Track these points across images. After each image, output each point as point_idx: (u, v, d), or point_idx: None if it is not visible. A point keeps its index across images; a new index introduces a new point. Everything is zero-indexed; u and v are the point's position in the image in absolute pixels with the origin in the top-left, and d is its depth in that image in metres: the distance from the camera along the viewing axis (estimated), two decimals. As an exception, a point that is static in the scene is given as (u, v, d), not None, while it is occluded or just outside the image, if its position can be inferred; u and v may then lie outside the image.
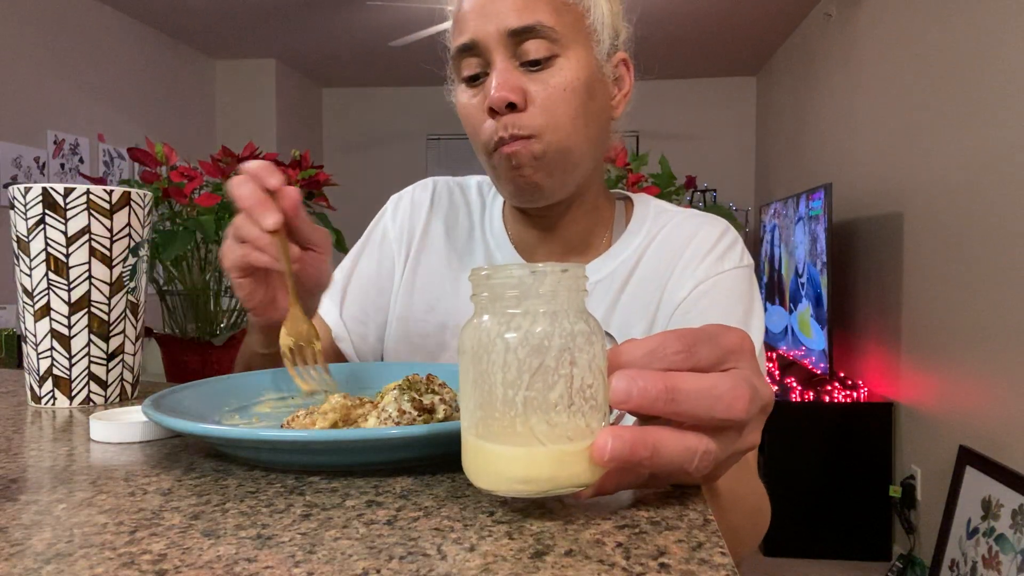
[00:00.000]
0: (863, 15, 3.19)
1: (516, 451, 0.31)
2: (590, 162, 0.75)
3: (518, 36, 0.69)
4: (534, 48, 0.69)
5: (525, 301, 0.31)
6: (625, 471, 0.35)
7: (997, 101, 2.13)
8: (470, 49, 0.71)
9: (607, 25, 0.74)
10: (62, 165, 3.66)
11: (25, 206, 0.59)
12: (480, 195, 0.89)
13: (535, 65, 0.70)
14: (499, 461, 0.31)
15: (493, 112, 0.70)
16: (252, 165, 0.59)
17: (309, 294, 0.65)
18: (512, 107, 0.69)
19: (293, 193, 0.59)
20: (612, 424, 0.33)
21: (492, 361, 0.31)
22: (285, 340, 0.59)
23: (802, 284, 3.23)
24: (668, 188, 2.40)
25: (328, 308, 0.86)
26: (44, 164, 3.54)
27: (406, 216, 0.89)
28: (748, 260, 0.79)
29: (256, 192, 0.58)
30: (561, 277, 0.32)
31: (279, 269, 0.59)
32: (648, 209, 0.84)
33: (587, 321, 0.32)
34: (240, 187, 0.58)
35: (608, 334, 0.77)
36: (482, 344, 0.31)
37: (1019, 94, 2.02)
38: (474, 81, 0.73)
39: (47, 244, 0.59)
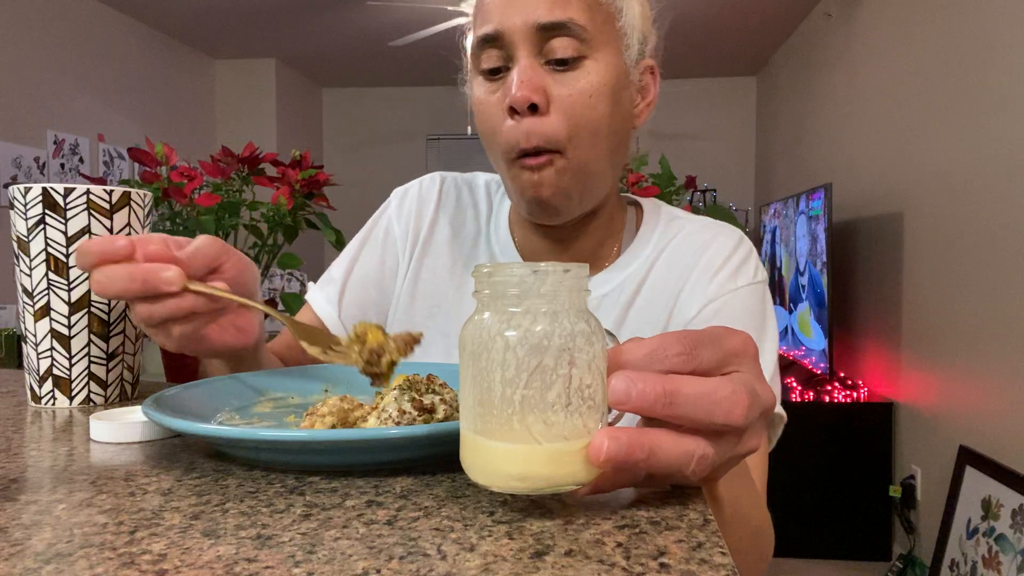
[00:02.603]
0: (863, 15, 3.19)
1: (512, 448, 0.31)
2: (610, 175, 0.71)
3: (547, 32, 0.64)
4: (562, 46, 0.65)
5: (526, 300, 0.32)
6: (622, 471, 0.35)
7: (997, 101, 2.13)
8: (493, 40, 0.67)
9: (637, 29, 0.70)
10: (62, 165, 3.66)
11: (25, 206, 0.59)
12: (488, 197, 0.85)
13: (562, 64, 0.65)
14: (496, 458, 0.31)
15: (513, 111, 0.66)
16: (90, 251, 0.49)
17: (250, 293, 0.59)
18: (534, 108, 0.65)
19: (147, 240, 0.50)
20: (611, 423, 0.33)
21: (491, 359, 0.31)
22: (313, 351, 0.52)
23: (802, 284, 3.23)
24: (668, 188, 2.40)
25: (326, 309, 0.82)
26: (44, 164, 3.54)
27: (412, 212, 0.84)
28: (762, 275, 0.75)
29: (130, 272, 0.49)
30: (563, 277, 0.32)
31: (218, 305, 0.53)
32: (658, 216, 0.80)
33: (588, 321, 0.32)
34: (113, 280, 0.49)
35: (609, 332, 0.75)
36: (482, 341, 0.32)
37: (1019, 94, 2.02)
38: (494, 75, 0.68)
39: (47, 244, 0.59)
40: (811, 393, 2.90)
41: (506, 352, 0.31)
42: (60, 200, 0.59)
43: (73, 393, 0.61)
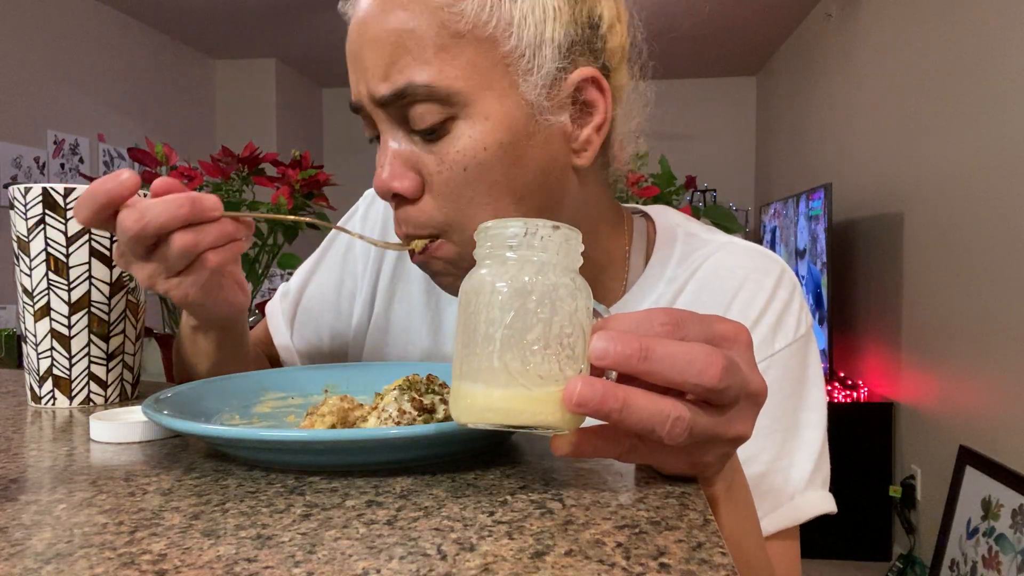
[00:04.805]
0: (863, 15, 3.19)
1: (490, 384, 0.33)
2: None
3: (394, 103, 0.52)
4: (419, 114, 0.51)
5: (518, 251, 0.34)
6: (603, 435, 0.36)
7: (997, 101, 2.13)
8: (357, 111, 0.56)
9: (549, 41, 0.52)
10: (62, 165, 3.66)
11: (25, 206, 0.59)
12: None
13: (429, 134, 0.52)
14: (474, 395, 0.33)
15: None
16: (97, 193, 0.48)
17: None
18: (403, 196, 0.54)
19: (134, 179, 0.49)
20: None
21: (479, 302, 0.34)
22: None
23: (802, 284, 3.23)
24: (668, 188, 2.40)
25: (280, 328, 0.73)
26: (44, 164, 3.54)
27: (378, 223, 0.72)
28: (805, 324, 0.61)
29: (176, 199, 0.48)
30: (552, 233, 0.34)
31: (248, 232, 0.53)
32: (673, 240, 0.65)
33: (574, 279, 0.34)
34: (156, 211, 0.47)
35: (600, 305, 0.70)
36: (474, 289, 0.34)
37: (1019, 94, 2.02)
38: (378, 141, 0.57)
39: (47, 244, 0.59)
40: (811, 393, 2.90)
41: (492, 295, 0.33)
42: (60, 200, 0.59)
43: (73, 393, 0.61)
